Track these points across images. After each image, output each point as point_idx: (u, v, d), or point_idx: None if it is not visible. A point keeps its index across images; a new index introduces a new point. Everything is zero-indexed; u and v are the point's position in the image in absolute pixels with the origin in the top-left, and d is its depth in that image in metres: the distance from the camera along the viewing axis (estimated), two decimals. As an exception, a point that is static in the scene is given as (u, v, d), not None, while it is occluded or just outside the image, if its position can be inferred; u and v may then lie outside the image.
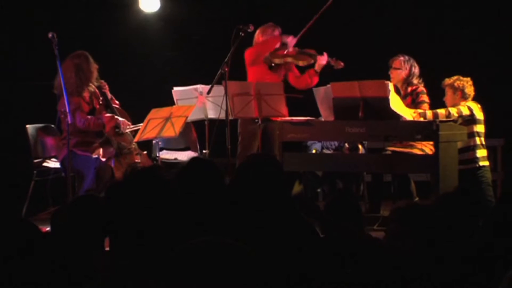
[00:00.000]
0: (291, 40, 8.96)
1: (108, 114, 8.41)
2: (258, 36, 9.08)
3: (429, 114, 8.43)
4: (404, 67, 8.70)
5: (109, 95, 8.68)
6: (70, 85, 8.16)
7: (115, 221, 2.93)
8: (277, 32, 8.99)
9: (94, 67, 8.48)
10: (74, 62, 8.31)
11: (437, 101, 8.71)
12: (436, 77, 8.76)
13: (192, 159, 4.25)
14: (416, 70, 8.72)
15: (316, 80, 9.01)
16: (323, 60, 8.93)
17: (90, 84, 8.51)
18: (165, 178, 3.05)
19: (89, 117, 8.32)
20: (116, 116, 8.44)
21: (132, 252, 2.85)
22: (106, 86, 8.68)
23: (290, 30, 9.42)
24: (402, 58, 8.74)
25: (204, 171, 4.06)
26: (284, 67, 9.10)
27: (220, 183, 4.04)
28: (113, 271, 2.80)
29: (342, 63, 8.89)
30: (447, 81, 8.67)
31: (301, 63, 9.07)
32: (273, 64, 9.01)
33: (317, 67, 8.99)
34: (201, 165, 4.13)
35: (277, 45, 9.03)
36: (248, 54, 9.02)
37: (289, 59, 9.03)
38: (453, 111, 8.47)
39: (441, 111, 8.47)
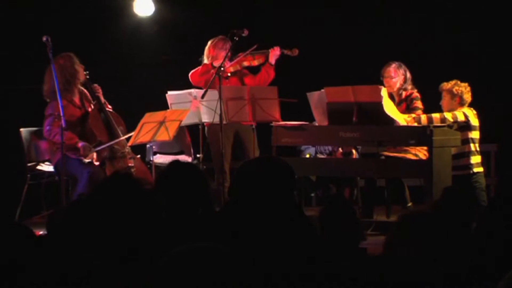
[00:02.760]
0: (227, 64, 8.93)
1: (71, 135, 8.27)
2: (209, 49, 9.07)
3: (424, 118, 8.43)
4: (398, 74, 8.69)
5: (103, 99, 8.67)
6: (52, 87, 8.10)
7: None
8: (228, 45, 8.96)
9: (79, 65, 8.45)
10: (58, 64, 8.28)
11: (430, 105, 8.71)
12: (429, 81, 8.77)
13: (171, 163, 4.17)
14: (408, 74, 8.73)
15: (272, 73, 9.00)
16: (276, 51, 8.91)
17: (80, 87, 8.52)
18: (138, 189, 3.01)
19: (56, 129, 8.22)
20: (78, 141, 8.30)
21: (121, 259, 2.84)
22: (100, 90, 8.67)
23: (285, 31, 9.44)
24: (394, 65, 8.72)
25: (184, 174, 4.00)
26: (238, 74, 9.10)
27: (203, 186, 3.99)
28: (105, 276, 2.80)
29: (296, 50, 8.87)
30: (445, 85, 8.65)
31: (256, 63, 9.06)
32: (229, 75, 8.99)
33: (272, 59, 8.97)
34: (181, 169, 4.07)
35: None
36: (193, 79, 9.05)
37: (245, 63, 9.03)
38: (448, 116, 8.47)
39: (435, 116, 8.47)
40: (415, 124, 8.35)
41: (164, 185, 3.94)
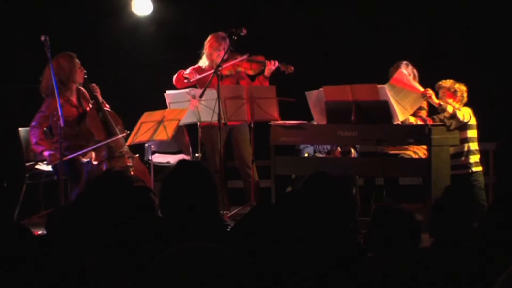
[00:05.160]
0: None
1: (43, 142, 8.26)
2: (207, 44, 9.05)
3: (450, 109, 8.35)
4: (408, 73, 8.66)
5: (100, 99, 8.65)
6: (51, 86, 8.07)
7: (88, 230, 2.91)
8: (225, 45, 8.93)
9: (78, 67, 8.41)
10: (57, 63, 8.26)
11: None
12: (428, 81, 8.76)
13: (180, 162, 4.19)
14: (416, 72, 8.72)
15: (266, 85, 8.96)
16: (272, 65, 8.90)
17: (76, 85, 8.49)
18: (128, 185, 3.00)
19: (38, 130, 8.24)
20: (45, 149, 8.25)
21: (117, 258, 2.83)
22: (98, 90, 8.65)
23: (280, 31, 9.42)
24: (403, 65, 8.68)
25: (192, 173, 4.01)
26: (234, 77, 9.09)
27: (209, 185, 4.00)
28: (103, 276, 2.80)
29: (292, 67, 8.85)
30: (445, 83, 8.61)
31: (251, 72, 9.06)
32: (223, 75, 8.99)
33: (267, 73, 8.95)
34: (189, 167, 4.09)
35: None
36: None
37: (240, 69, 9.03)
38: (460, 115, 8.42)
39: (459, 114, 8.39)
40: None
41: (172, 184, 3.95)
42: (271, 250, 2.73)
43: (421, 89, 8.35)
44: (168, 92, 8.95)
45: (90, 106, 8.59)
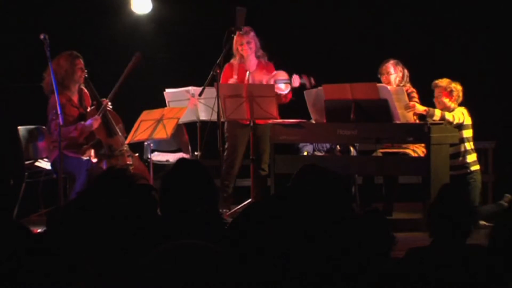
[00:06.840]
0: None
1: (72, 130, 8.30)
2: (233, 41, 9.03)
3: (438, 113, 8.36)
4: (396, 70, 8.69)
5: (108, 107, 8.63)
6: (51, 84, 8.06)
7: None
8: (248, 38, 8.92)
9: (79, 67, 8.38)
10: (56, 62, 8.24)
11: (426, 104, 8.71)
12: (428, 80, 8.77)
13: (179, 160, 4.20)
14: (406, 72, 8.73)
15: (290, 97, 8.94)
16: (296, 84, 8.84)
17: (78, 85, 8.47)
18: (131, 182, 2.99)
19: (63, 129, 8.23)
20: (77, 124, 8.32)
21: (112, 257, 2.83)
22: (108, 104, 8.61)
23: (279, 32, 9.41)
24: (392, 61, 8.72)
25: (191, 172, 4.02)
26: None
27: (208, 184, 4.00)
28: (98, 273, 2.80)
29: (313, 80, 8.81)
30: (441, 82, 8.61)
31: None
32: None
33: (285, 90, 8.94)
34: (188, 166, 4.09)
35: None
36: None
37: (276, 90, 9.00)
38: (456, 117, 8.42)
39: (448, 116, 8.39)
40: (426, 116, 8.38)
41: (171, 182, 3.95)
42: (265, 247, 2.73)
43: (407, 100, 8.39)
44: (167, 90, 8.96)
45: (90, 108, 8.56)
